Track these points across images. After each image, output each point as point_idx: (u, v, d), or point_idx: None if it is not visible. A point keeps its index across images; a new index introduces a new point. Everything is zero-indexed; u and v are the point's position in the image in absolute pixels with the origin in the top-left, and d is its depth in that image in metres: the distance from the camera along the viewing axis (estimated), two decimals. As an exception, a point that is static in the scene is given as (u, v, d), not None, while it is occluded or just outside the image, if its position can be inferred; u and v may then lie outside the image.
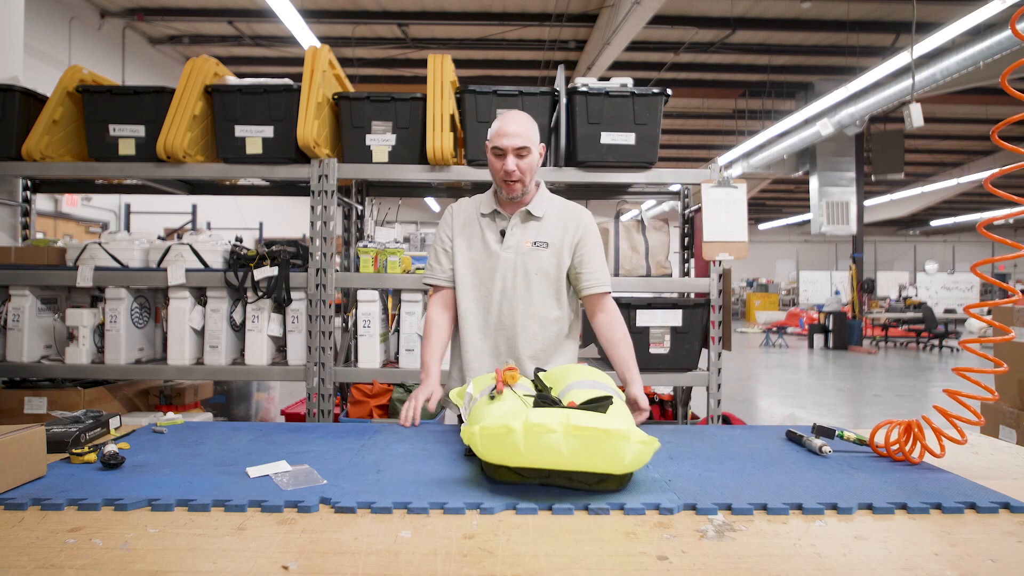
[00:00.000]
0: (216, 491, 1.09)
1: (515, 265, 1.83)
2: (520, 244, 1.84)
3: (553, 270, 1.85)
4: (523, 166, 1.75)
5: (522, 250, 1.83)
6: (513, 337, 1.84)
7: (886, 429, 1.37)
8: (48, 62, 7.13)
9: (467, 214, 1.91)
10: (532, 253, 1.83)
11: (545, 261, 1.84)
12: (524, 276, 1.83)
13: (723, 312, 2.62)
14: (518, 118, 1.78)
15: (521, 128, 1.75)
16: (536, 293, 1.84)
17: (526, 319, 1.83)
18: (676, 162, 17.10)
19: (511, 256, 1.83)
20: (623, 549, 0.90)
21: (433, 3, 8.46)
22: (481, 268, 1.85)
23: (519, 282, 1.83)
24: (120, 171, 2.68)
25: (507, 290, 1.83)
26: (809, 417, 6.15)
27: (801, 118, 10.24)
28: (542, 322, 1.85)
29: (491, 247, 1.84)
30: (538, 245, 1.84)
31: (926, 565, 0.86)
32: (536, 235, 1.85)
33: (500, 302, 1.84)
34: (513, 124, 1.75)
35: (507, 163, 1.74)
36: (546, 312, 1.86)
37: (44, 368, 2.59)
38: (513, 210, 1.86)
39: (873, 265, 25.13)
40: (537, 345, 1.85)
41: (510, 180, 1.76)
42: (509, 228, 1.85)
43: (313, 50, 2.62)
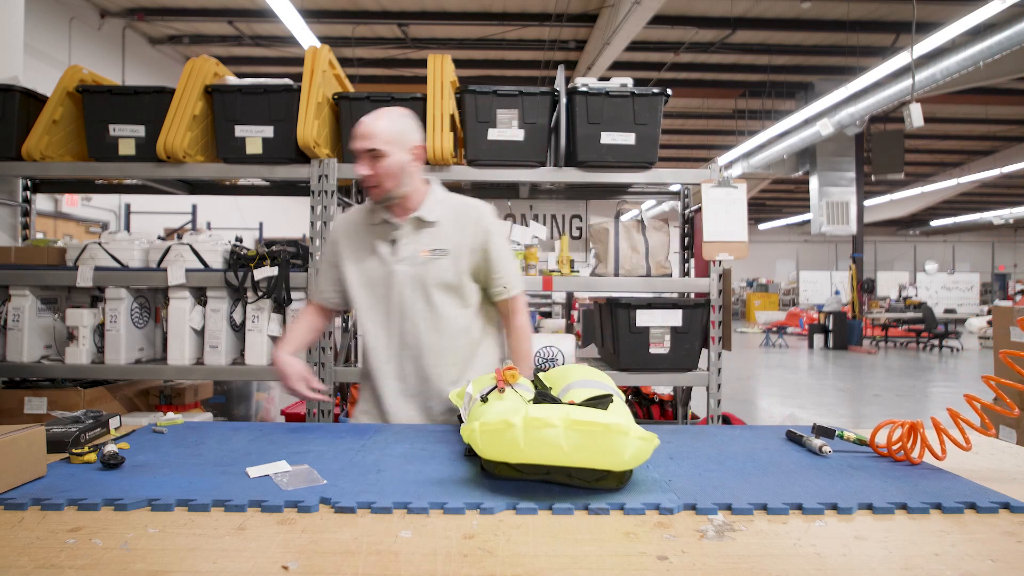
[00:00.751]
0: (216, 491, 1.09)
1: (412, 278, 1.68)
2: (415, 255, 1.68)
3: (454, 279, 1.70)
4: (379, 169, 1.61)
5: (418, 261, 1.68)
6: (419, 357, 1.71)
7: (887, 429, 1.37)
8: (48, 62, 7.13)
9: (355, 224, 1.77)
10: (430, 263, 1.68)
11: (444, 270, 1.68)
12: (423, 289, 1.68)
13: (723, 312, 2.62)
14: (376, 116, 1.63)
15: (374, 128, 1.61)
16: (439, 306, 1.69)
17: (431, 335, 1.70)
18: (676, 162, 17.11)
19: (406, 269, 1.68)
20: (623, 549, 0.90)
21: (433, 3, 8.46)
22: (376, 285, 1.71)
23: (418, 296, 1.68)
24: (120, 171, 2.68)
25: (407, 307, 1.69)
26: (809, 417, 6.15)
27: (801, 118, 10.25)
28: (450, 335, 1.71)
29: (384, 260, 1.70)
30: (436, 253, 1.68)
31: (926, 565, 0.86)
32: (432, 242, 1.69)
33: (401, 320, 1.70)
34: (366, 125, 1.62)
35: (358, 167, 1.62)
36: (451, 325, 1.71)
37: (44, 368, 2.59)
38: (403, 216, 1.69)
39: (873, 265, 25.14)
40: (448, 361, 1.72)
41: (367, 185, 1.64)
42: (401, 237, 1.69)
43: (313, 50, 2.62)
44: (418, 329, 1.70)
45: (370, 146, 1.61)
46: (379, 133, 1.61)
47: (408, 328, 1.70)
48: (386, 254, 1.70)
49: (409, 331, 1.70)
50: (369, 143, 1.61)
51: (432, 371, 1.72)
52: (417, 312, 1.69)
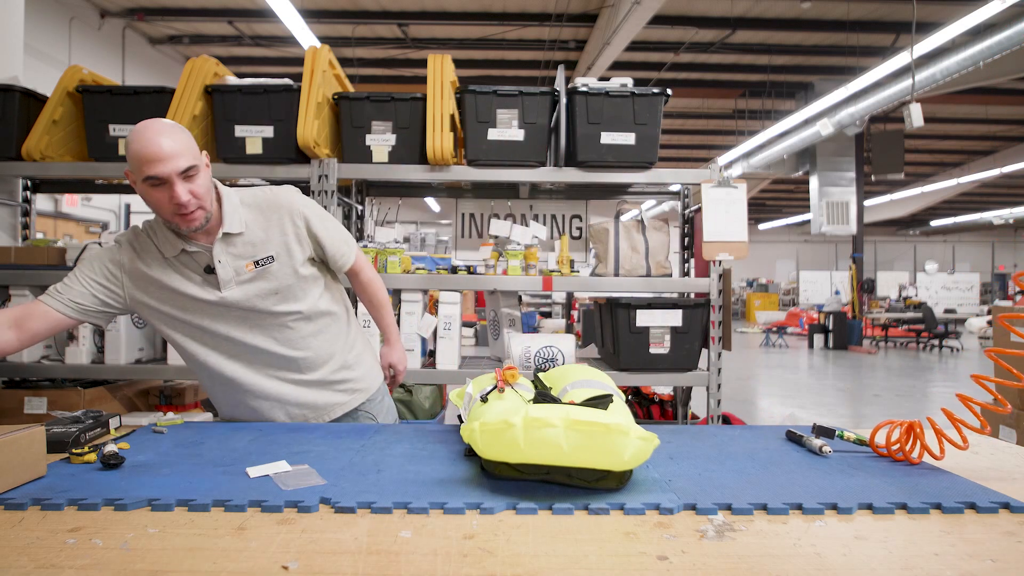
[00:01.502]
0: (216, 491, 1.09)
1: (250, 300, 1.49)
2: (241, 271, 1.47)
3: (296, 274, 1.52)
4: (198, 191, 1.36)
5: (246, 277, 1.48)
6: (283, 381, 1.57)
7: (887, 429, 1.37)
8: (48, 62, 7.13)
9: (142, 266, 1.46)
10: (263, 275, 1.49)
11: (283, 274, 1.50)
12: (269, 305, 1.51)
13: (723, 312, 2.62)
14: (166, 131, 1.33)
15: (177, 144, 1.32)
16: (291, 313, 1.53)
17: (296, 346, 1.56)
18: (676, 162, 17.11)
19: (238, 294, 1.47)
20: (623, 549, 0.90)
21: (433, 3, 8.46)
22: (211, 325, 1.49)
23: (265, 316, 1.51)
24: (120, 171, 2.68)
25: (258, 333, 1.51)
26: (809, 417, 6.15)
27: (801, 118, 10.25)
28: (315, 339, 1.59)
29: (207, 292, 1.46)
30: (262, 264, 1.48)
31: (926, 565, 0.86)
32: (252, 252, 1.48)
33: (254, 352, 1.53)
34: (165, 141, 1.31)
35: (176, 194, 1.32)
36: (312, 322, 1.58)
37: (44, 368, 2.59)
38: (209, 239, 1.46)
39: (873, 265, 25.15)
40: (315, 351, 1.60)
41: (185, 212, 1.36)
42: (215, 261, 1.45)
43: (313, 50, 2.62)
44: (278, 350, 1.55)
45: (185, 164, 1.33)
46: (183, 148, 1.34)
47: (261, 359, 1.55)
48: (200, 287, 1.46)
49: (262, 360, 1.55)
50: (184, 160, 1.33)
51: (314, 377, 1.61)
52: (272, 332, 1.53)
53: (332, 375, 1.65)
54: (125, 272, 1.48)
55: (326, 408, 1.68)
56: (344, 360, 1.68)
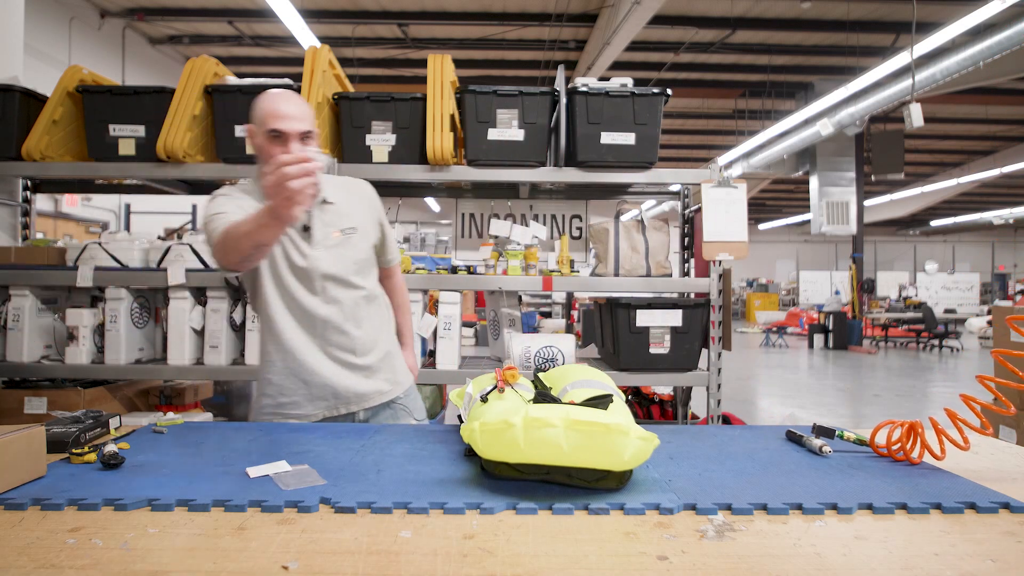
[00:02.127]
0: (216, 491, 1.09)
1: (332, 262, 1.63)
2: (328, 236, 1.62)
3: (368, 252, 1.70)
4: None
5: (331, 243, 1.63)
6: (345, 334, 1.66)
7: (887, 429, 1.37)
8: (48, 62, 7.13)
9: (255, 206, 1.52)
10: (344, 243, 1.64)
11: (360, 247, 1.67)
12: (343, 269, 1.64)
13: (723, 312, 2.62)
14: (293, 98, 1.51)
15: (300, 109, 1.51)
16: (357, 283, 1.67)
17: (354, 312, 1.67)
18: (676, 162, 17.11)
19: (322, 253, 1.62)
20: (623, 549, 0.90)
21: (433, 3, 8.46)
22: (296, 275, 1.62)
23: (340, 276, 1.64)
24: (120, 171, 2.68)
25: (328, 291, 1.64)
26: (809, 417, 6.15)
27: (801, 118, 10.25)
28: (367, 311, 1.71)
29: (300, 246, 1.60)
30: (347, 232, 1.64)
31: (926, 565, 0.86)
32: (340, 222, 1.64)
33: (326, 304, 1.64)
34: (291, 104, 1.49)
35: (293, 151, 1.43)
36: (367, 298, 1.71)
37: (44, 368, 2.59)
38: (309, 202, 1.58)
39: (873, 265, 25.15)
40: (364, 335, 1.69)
41: None
42: (312, 221, 1.61)
43: (313, 50, 2.62)
44: (345, 309, 1.66)
45: (306, 127, 1.49)
46: (305, 114, 1.51)
47: (334, 311, 1.64)
48: (300, 241, 1.60)
49: (335, 313, 1.65)
50: (305, 124, 1.49)
51: (359, 344, 1.69)
52: (341, 293, 1.65)
53: (379, 362, 1.74)
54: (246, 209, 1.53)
55: (368, 396, 1.72)
56: (388, 348, 1.78)
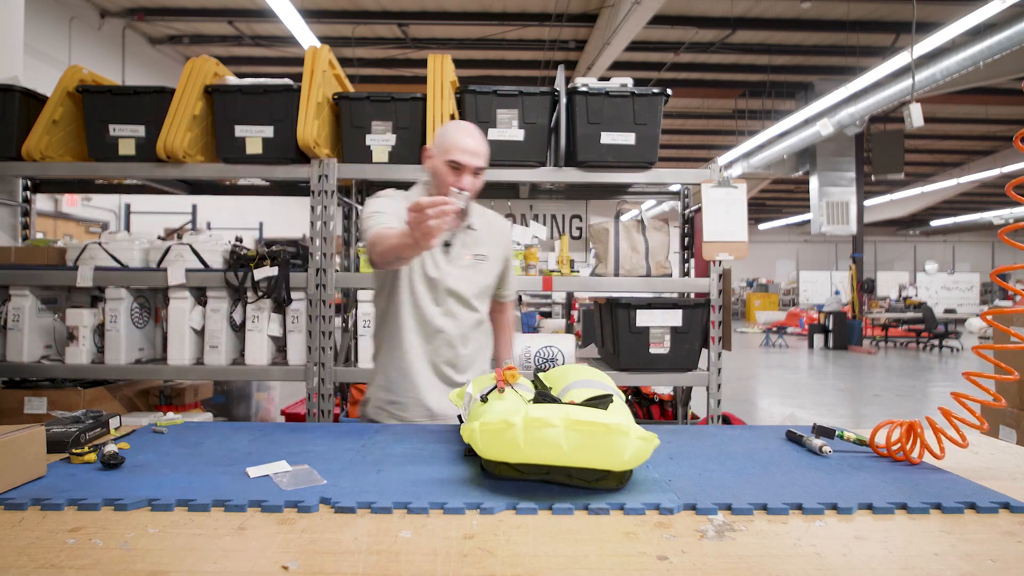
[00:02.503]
0: (216, 491, 1.09)
1: (459, 279, 1.81)
2: (463, 257, 1.83)
3: (492, 281, 1.89)
4: (477, 185, 1.76)
5: (464, 263, 1.83)
6: (454, 348, 1.82)
7: (887, 429, 1.37)
8: (48, 62, 7.13)
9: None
10: (474, 267, 1.84)
11: (486, 275, 1.86)
12: (467, 290, 1.82)
13: (723, 312, 2.62)
14: (476, 134, 1.75)
15: (480, 146, 1.74)
16: (476, 304, 1.85)
17: (467, 330, 1.83)
18: (676, 162, 17.11)
19: (456, 270, 1.81)
20: (623, 549, 0.90)
21: (433, 3, 8.46)
22: (425, 278, 1.79)
23: (461, 295, 1.81)
24: (120, 171, 2.68)
25: (450, 303, 1.80)
26: (809, 417, 6.15)
27: (801, 118, 10.25)
28: (482, 329, 1.90)
29: (436, 257, 1.79)
30: (478, 258, 1.84)
31: (926, 565, 0.86)
32: (475, 248, 1.85)
33: (444, 315, 1.80)
34: (473, 140, 1.73)
35: (463, 182, 1.71)
36: (480, 322, 1.89)
37: (44, 368, 2.59)
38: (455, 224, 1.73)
39: (873, 265, 25.15)
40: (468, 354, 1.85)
41: None
42: (453, 239, 1.82)
43: (313, 50, 2.62)
44: (460, 323, 1.82)
45: (481, 164, 1.74)
46: (485, 150, 1.76)
47: (450, 324, 1.81)
48: (439, 253, 1.80)
49: (452, 326, 1.81)
50: (481, 161, 1.74)
51: (463, 360, 1.85)
52: (459, 309, 1.82)
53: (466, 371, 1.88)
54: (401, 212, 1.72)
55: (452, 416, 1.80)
56: (482, 371, 1.93)
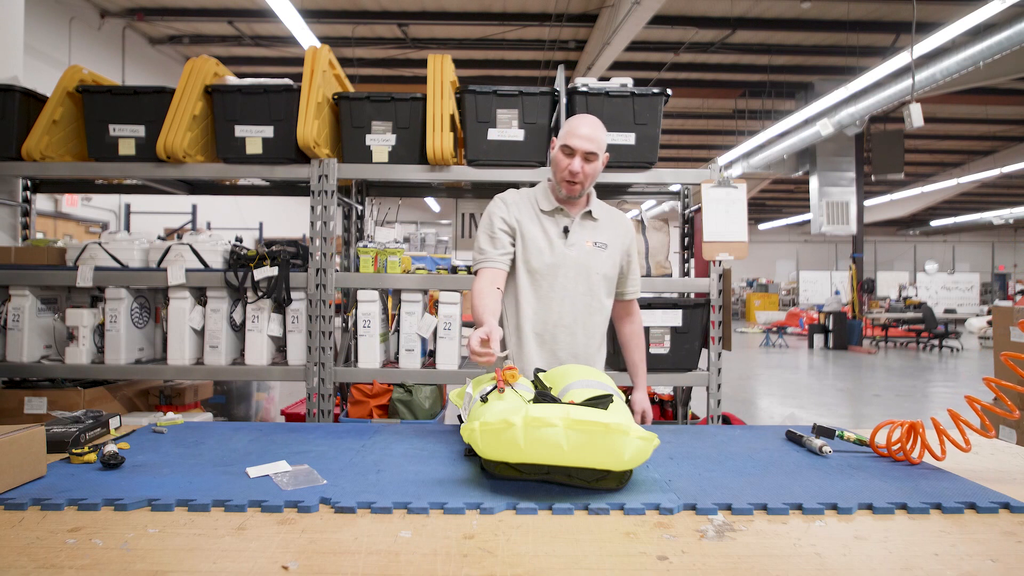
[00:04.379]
0: (216, 491, 1.09)
1: (578, 263, 1.84)
2: (582, 243, 1.86)
3: (612, 271, 1.91)
4: (588, 170, 1.79)
5: (584, 249, 1.86)
6: (573, 334, 1.85)
7: (887, 429, 1.37)
8: (48, 62, 7.13)
9: (527, 206, 1.89)
10: (594, 253, 1.87)
11: (605, 262, 1.88)
12: (587, 275, 1.85)
13: (723, 312, 2.62)
14: (592, 123, 1.80)
15: (594, 133, 1.78)
16: (595, 292, 1.87)
17: (586, 316, 1.86)
18: (676, 162, 17.10)
19: (575, 254, 1.85)
20: (623, 549, 0.90)
21: (433, 3, 8.46)
22: (546, 264, 1.85)
23: (581, 281, 1.85)
24: (120, 171, 2.68)
25: (569, 288, 1.84)
26: (809, 417, 6.15)
27: (801, 118, 10.24)
28: (600, 319, 1.90)
29: (554, 243, 1.85)
30: (598, 246, 1.88)
31: (926, 565, 0.86)
32: (595, 236, 1.89)
33: (562, 299, 1.84)
34: (587, 127, 1.78)
35: (573, 164, 1.77)
36: (601, 312, 1.90)
37: (44, 368, 2.59)
38: (575, 209, 1.88)
39: (873, 265, 25.13)
40: (593, 341, 1.89)
41: (572, 180, 1.79)
42: (572, 226, 1.86)
43: (313, 50, 2.62)
44: (577, 309, 1.85)
45: (592, 149, 1.77)
46: (599, 138, 1.78)
47: (568, 308, 1.84)
48: (556, 237, 1.85)
49: (568, 311, 1.84)
50: (592, 146, 1.77)
51: (581, 348, 1.87)
52: (578, 294, 1.85)
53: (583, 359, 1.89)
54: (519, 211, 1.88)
55: None
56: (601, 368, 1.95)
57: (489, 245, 1.86)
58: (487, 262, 1.85)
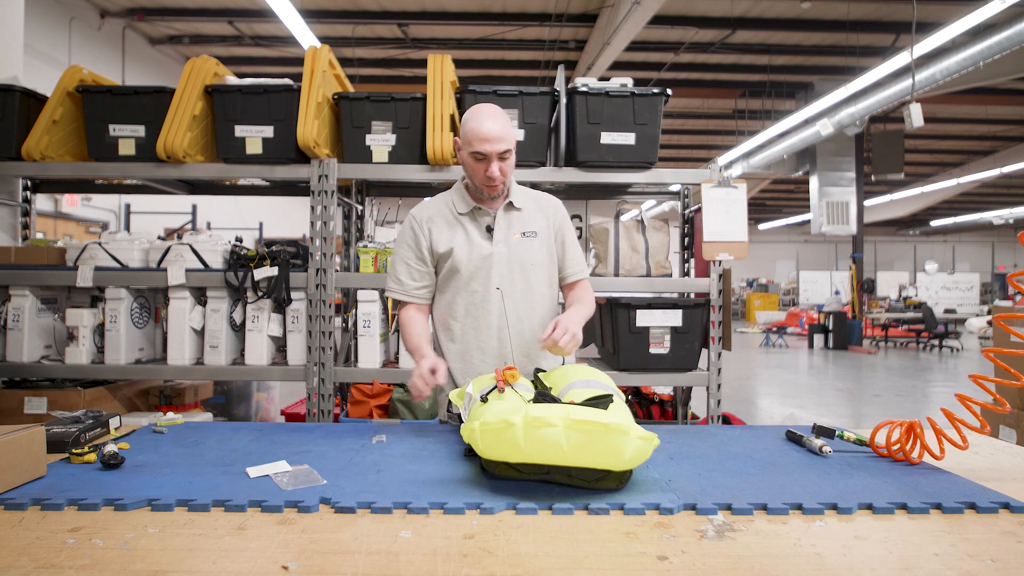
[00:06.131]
0: (216, 491, 1.09)
1: (510, 259, 1.77)
2: (509, 237, 1.79)
3: (545, 259, 1.83)
4: (505, 168, 1.71)
5: (512, 242, 1.79)
6: (521, 333, 1.78)
7: (887, 429, 1.37)
8: (48, 62, 7.13)
9: (441, 215, 1.82)
10: (523, 244, 1.79)
11: (538, 251, 1.81)
12: (521, 269, 1.78)
13: (723, 312, 2.62)
14: (495, 116, 1.69)
15: (501, 129, 1.67)
16: (535, 284, 1.80)
17: (529, 312, 1.79)
18: (676, 162, 17.10)
19: (504, 250, 1.77)
20: (623, 549, 0.90)
21: (433, 3, 8.46)
22: (475, 269, 1.77)
23: (516, 276, 1.78)
24: (120, 171, 2.68)
25: (505, 287, 1.76)
26: (809, 417, 6.15)
27: (801, 118, 10.24)
28: (544, 311, 1.82)
29: (479, 245, 1.77)
30: (527, 236, 1.80)
31: (926, 565, 0.86)
32: (522, 226, 1.81)
33: (502, 300, 1.76)
34: (494, 125, 1.67)
35: (491, 169, 1.68)
36: (545, 301, 1.83)
37: (44, 368, 2.59)
38: (495, 204, 1.80)
39: (873, 265, 25.13)
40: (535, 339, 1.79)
41: (492, 184, 1.71)
42: (495, 222, 1.79)
43: (313, 50, 2.62)
44: (519, 307, 1.78)
45: (504, 148, 1.68)
46: (507, 133, 1.69)
47: (509, 307, 1.77)
48: (480, 238, 1.78)
49: (511, 309, 1.77)
50: (504, 144, 1.68)
51: (532, 346, 1.80)
52: (517, 291, 1.78)
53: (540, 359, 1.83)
54: (432, 226, 1.81)
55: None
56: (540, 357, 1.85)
57: (408, 277, 1.82)
58: (410, 297, 1.82)
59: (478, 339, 1.79)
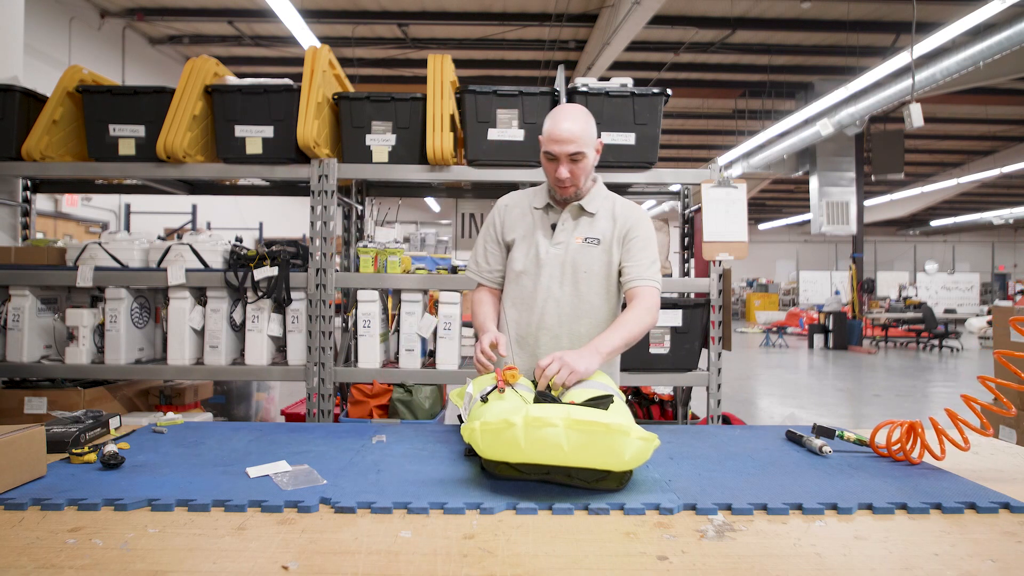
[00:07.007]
0: (216, 491, 1.09)
1: (564, 263, 1.74)
2: (570, 240, 1.75)
3: (603, 268, 1.76)
4: (576, 171, 1.67)
5: (572, 246, 1.75)
6: (558, 338, 1.74)
7: (887, 429, 1.37)
8: (48, 62, 7.13)
9: (520, 207, 1.83)
10: (583, 250, 1.74)
11: (597, 260, 1.75)
12: (573, 275, 1.74)
13: (723, 312, 2.62)
14: (572, 117, 1.66)
15: (575, 130, 1.64)
16: (585, 293, 1.74)
17: (572, 321, 1.74)
18: (676, 162, 17.10)
19: (561, 252, 1.74)
20: (623, 549, 0.90)
21: (433, 3, 8.46)
22: (530, 265, 1.77)
23: (567, 280, 1.74)
24: (120, 171, 2.68)
25: (553, 289, 1.73)
26: (809, 417, 6.15)
27: (801, 118, 10.24)
28: (589, 323, 1.75)
29: (540, 243, 1.76)
30: (589, 242, 1.75)
31: (926, 565, 0.86)
32: (588, 231, 1.76)
33: (545, 301, 1.74)
34: (566, 125, 1.64)
35: (560, 172, 1.66)
36: (595, 313, 1.76)
37: (44, 368, 2.59)
38: (566, 205, 1.78)
39: (873, 265, 25.12)
40: (591, 329, 1.74)
41: (562, 186, 1.69)
42: (560, 223, 1.76)
43: (313, 50, 2.62)
44: (562, 312, 1.74)
45: (575, 149, 1.65)
46: (579, 135, 1.65)
47: (551, 311, 1.74)
48: (542, 236, 1.77)
49: (552, 313, 1.74)
50: (574, 146, 1.64)
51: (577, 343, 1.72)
52: (565, 295, 1.74)
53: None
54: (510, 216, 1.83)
55: None
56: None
57: (484, 259, 1.87)
58: (481, 278, 1.87)
59: (519, 333, 1.79)
